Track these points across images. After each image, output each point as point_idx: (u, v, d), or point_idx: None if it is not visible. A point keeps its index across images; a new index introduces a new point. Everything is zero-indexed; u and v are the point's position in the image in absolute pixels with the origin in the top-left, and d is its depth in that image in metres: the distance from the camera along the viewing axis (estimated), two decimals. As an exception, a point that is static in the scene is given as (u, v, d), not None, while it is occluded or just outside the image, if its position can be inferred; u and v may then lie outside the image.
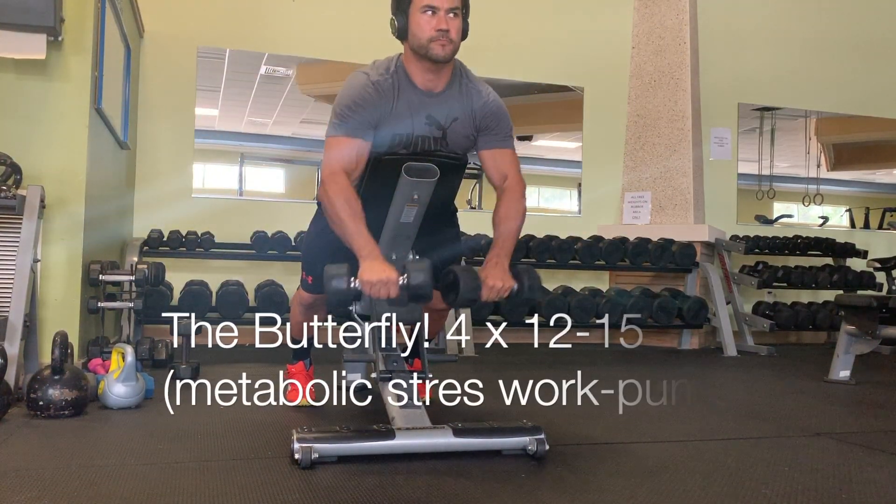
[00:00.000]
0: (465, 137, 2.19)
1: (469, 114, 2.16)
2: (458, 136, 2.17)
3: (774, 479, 1.77)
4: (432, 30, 2.03)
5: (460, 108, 2.15)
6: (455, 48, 2.08)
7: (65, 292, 3.21)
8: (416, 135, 2.12)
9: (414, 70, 2.12)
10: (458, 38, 2.08)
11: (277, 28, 5.22)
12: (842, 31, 6.52)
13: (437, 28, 2.03)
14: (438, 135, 2.14)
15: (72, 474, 1.68)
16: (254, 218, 4.98)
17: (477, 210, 5.70)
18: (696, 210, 5.56)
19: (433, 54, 2.05)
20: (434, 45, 2.04)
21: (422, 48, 2.06)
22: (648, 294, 5.07)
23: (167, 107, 4.99)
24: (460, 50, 2.14)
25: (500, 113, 2.20)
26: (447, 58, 2.07)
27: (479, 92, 2.18)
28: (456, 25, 2.06)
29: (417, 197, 2.00)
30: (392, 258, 2.17)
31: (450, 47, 2.06)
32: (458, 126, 2.16)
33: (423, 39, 2.04)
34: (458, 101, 2.15)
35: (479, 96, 2.17)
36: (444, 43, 2.04)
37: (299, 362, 2.66)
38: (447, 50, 2.05)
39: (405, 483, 1.67)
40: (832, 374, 3.64)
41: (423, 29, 2.04)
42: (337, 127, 2.08)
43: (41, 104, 3.18)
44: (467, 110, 2.16)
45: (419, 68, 2.11)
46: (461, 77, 2.18)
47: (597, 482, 1.73)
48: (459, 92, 2.15)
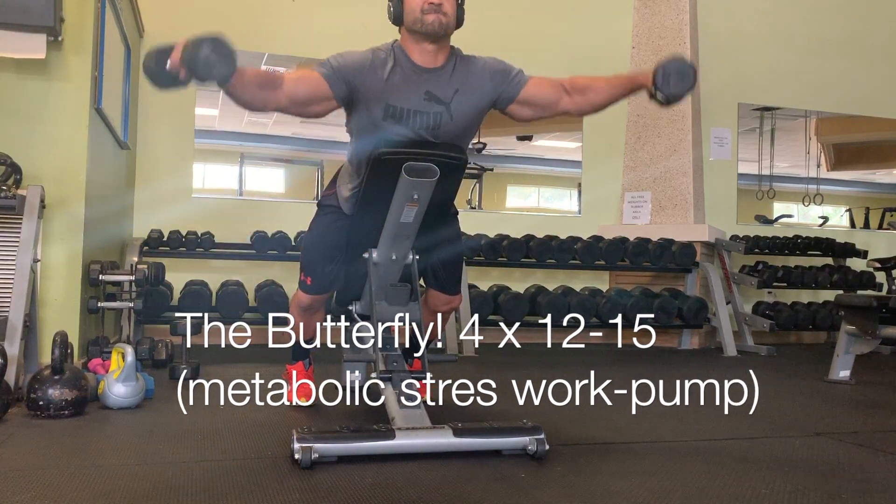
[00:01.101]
0: (472, 108, 2.17)
1: (476, 83, 2.15)
2: (464, 108, 2.15)
3: (774, 479, 1.76)
4: (425, 2, 2.05)
5: (460, 80, 2.14)
6: (449, 22, 2.08)
7: (65, 292, 3.21)
8: (412, 110, 2.10)
9: (411, 49, 2.12)
10: (451, 12, 2.08)
11: (277, 28, 5.23)
12: (842, 31, 6.52)
13: (430, 1, 2.04)
14: (441, 109, 2.12)
15: (72, 474, 1.68)
16: (254, 218, 4.98)
17: (477, 210, 5.70)
18: (696, 210, 5.56)
19: (426, 25, 2.05)
20: (427, 16, 2.04)
21: (416, 22, 2.06)
22: (648, 294, 5.07)
23: (167, 107, 4.99)
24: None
25: (502, 64, 2.21)
26: (441, 29, 2.06)
27: (475, 60, 2.19)
28: (449, 0, 2.07)
29: (417, 197, 2.00)
30: (392, 258, 2.17)
31: (444, 18, 2.05)
32: (463, 97, 2.14)
33: (417, 12, 2.05)
34: (457, 74, 2.14)
35: (475, 64, 2.18)
36: (437, 15, 2.04)
37: (299, 362, 2.66)
38: (441, 20, 2.05)
39: (405, 483, 1.66)
40: (832, 374, 3.64)
41: (416, 3, 2.06)
42: (316, 66, 2.09)
43: (41, 104, 3.18)
44: (470, 80, 2.15)
45: (416, 47, 2.11)
46: (457, 56, 2.18)
47: (597, 482, 1.73)
48: (456, 67, 2.15)
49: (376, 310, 2.15)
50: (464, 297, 4.46)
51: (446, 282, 2.48)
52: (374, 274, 2.17)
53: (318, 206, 2.48)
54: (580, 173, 5.94)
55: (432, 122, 2.13)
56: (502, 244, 4.97)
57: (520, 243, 5.01)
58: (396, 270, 2.22)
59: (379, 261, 2.17)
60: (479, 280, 5.09)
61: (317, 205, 2.50)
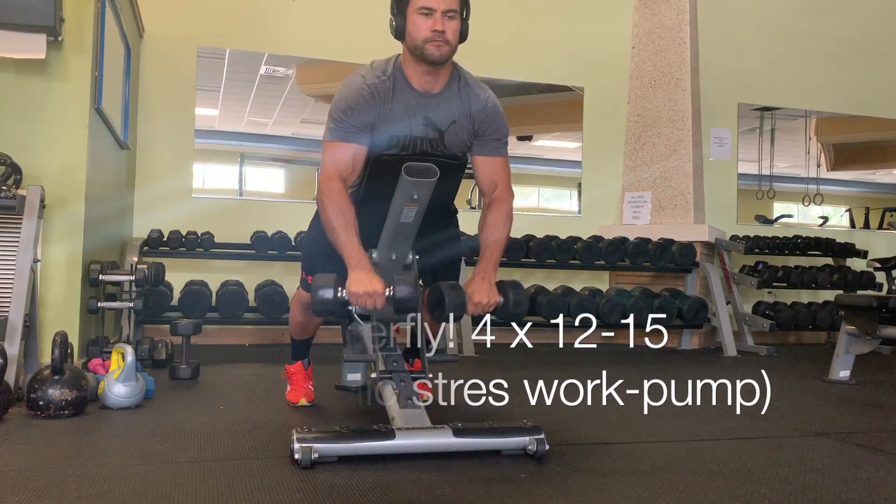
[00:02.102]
0: (463, 141, 2.18)
1: (467, 117, 2.15)
2: (457, 139, 2.16)
3: (774, 479, 1.76)
4: (428, 30, 2.03)
5: (458, 110, 2.14)
6: (451, 50, 2.07)
7: (65, 292, 3.21)
8: (413, 136, 2.11)
9: (411, 72, 2.11)
10: (454, 39, 2.07)
11: (277, 28, 5.22)
12: (842, 31, 6.51)
13: (433, 29, 2.03)
14: (436, 136, 2.13)
15: (72, 474, 1.68)
16: (254, 218, 4.98)
17: (477, 210, 5.69)
18: (696, 210, 5.56)
19: (428, 55, 2.04)
20: (429, 45, 2.03)
21: (417, 49, 2.06)
22: (648, 294, 5.07)
23: (167, 107, 4.99)
24: (460, 50, 2.13)
25: (497, 118, 2.19)
26: (442, 59, 2.06)
27: (478, 96, 2.16)
28: (452, 27, 2.06)
29: (417, 197, 1.99)
30: (392, 258, 2.17)
31: (445, 48, 2.05)
32: (457, 129, 2.15)
33: (419, 40, 2.04)
34: (456, 103, 2.14)
35: (477, 100, 2.16)
36: (439, 44, 2.03)
37: (298, 362, 2.66)
38: (442, 51, 2.04)
39: (405, 483, 1.66)
40: (832, 374, 3.64)
41: (419, 30, 2.04)
42: (333, 131, 2.09)
43: (41, 104, 3.18)
44: (465, 113, 2.15)
45: (416, 70, 2.10)
46: (459, 79, 2.17)
47: (597, 482, 1.73)
48: (457, 94, 2.14)
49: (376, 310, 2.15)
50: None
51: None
52: (373, 274, 2.17)
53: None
54: (580, 173, 5.94)
55: (428, 149, 2.14)
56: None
57: (520, 243, 5.01)
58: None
59: (379, 261, 2.17)
60: (479, 280, 5.08)
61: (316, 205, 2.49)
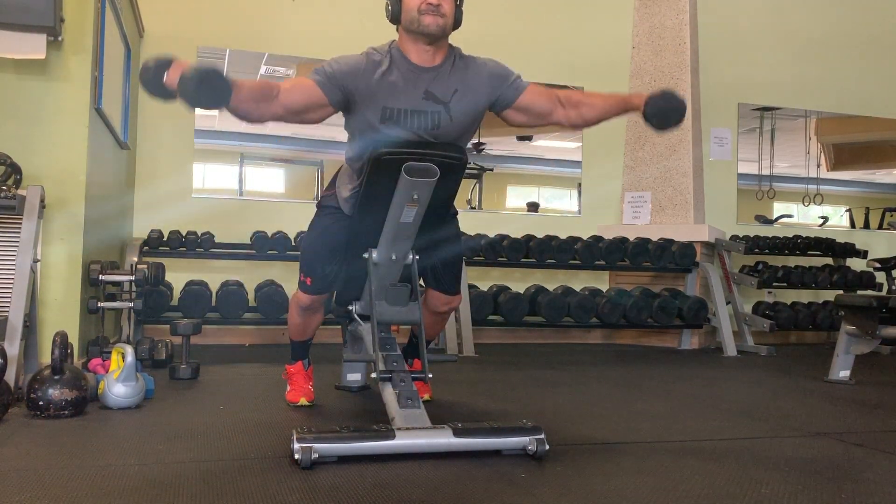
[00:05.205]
0: (471, 109, 2.17)
1: (474, 84, 2.15)
2: (463, 108, 2.15)
3: (774, 480, 1.77)
4: (422, 3, 2.05)
5: (458, 79, 2.14)
6: (447, 23, 2.08)
7: (65, 292, 3.21)
8: (409, 110, 2.10)
9: (409, 48, 2.12)
10: (450, 12, 2.08)
11: (277, 28, 5.23)
12: (842, 31, 6.52)
13: (428, 1, 2.04)
14: (438, 109, 2.12)
15: (72, 474, 1.68)
16: (254, 218, 4.98)
17: (477, 210, 5.70)
18: (696, 210, 5.56)
19: (424, 26, 2.05)
20: (425, 17, 2.04)
21: (413, 22, 2.06)
22: (648, 294, 5.07)
23: (167, 107, 4.93)
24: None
25: (502, 68, 2.22)
26: (438, 31, 2.06)
27: (475, 60, 2.19)
28: (448, 1, 2.08)
29: (417, 197, 1.99)
30: (392, 258, 2.17)
31: (441, 20, 2.06)
32: (461, 98, 2.14)
33: (414, 12, 2.05)
34: (456, 74, 2.14)
35: (475, 64, 2.18)
36: (435, 16, 2.04)
37: (298, 362, 2.66)
38: (438, 23, 2.05)
39: (405, 483, 1.66)
40: (832, 374, 3.64)
41: (413, 3, 2.06)
42: (311, 73, 2.10)
43: (41, 104, 3.18)
44: (469, 81, 2.15)
45: (414, 47, 2.11)
46: (457, 55, 2.18)
47: (597, 482, 1.73)
48: (455, 66, 2.15)
49: (376, 310, 2.15)
50: (464, 297, 4.46)
51: (446, 282, 2.48)
52: (373, 274, 2.17)
53: (318, 207, 2.48)
54: (580, 173, 5.94)
55: (431, 122, 2.13)
56: (502, 244, 4.97)
57: (520, 243, 5.01)
58: (396, 270, 2.22)
59: (379, 261, 2.17)
60: (479, 280, 5.09)
61: (316, 205, 2.50)
